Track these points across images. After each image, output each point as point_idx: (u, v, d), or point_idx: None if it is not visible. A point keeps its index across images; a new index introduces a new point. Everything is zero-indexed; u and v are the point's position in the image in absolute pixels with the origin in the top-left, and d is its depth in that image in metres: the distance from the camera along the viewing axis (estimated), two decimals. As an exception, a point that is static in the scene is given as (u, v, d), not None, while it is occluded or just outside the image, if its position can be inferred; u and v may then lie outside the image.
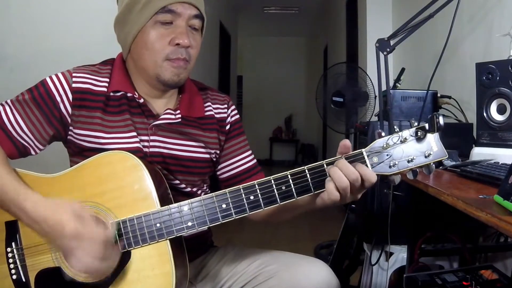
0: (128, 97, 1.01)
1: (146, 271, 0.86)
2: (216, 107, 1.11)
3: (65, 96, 0.98)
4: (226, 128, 1.11)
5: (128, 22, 0.98)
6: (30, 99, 0.97)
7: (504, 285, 1.25)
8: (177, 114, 1.03)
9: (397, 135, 0.80)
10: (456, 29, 1.58)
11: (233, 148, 1.12)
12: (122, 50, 1.05)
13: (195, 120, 1.06)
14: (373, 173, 0.79)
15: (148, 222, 0.86)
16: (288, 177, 0.83)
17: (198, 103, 1.08)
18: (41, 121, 0.97)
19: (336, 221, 3.31)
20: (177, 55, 0.97)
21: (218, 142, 1.09)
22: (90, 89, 0.99)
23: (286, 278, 0.92)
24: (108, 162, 0.90)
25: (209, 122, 1.08)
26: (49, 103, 0.97)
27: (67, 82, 0.98)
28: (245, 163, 1.12)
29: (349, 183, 0.78)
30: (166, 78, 0.98)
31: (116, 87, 1.01)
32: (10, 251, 0.90)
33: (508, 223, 0.65)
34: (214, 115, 1.10)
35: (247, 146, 1.15)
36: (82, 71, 1.01)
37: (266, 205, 0.83)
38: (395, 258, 1.81)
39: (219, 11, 5.43)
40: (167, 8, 0.95)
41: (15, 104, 0.96)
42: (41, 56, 2.54)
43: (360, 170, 0.79)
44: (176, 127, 1.03)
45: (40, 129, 0.97)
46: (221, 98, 1.14)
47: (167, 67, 0.97)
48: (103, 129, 0.98)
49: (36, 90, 0.98)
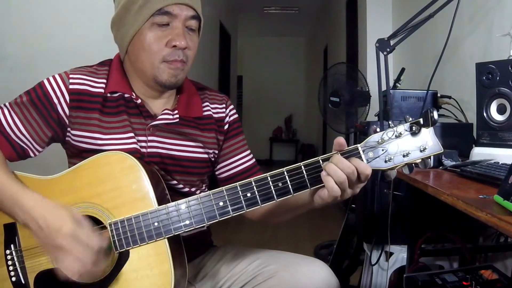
0: (126, 98, 1.01)
1: (145, 270, 0.86)
2: (215, 107, 1.11)
3: (62, 98, 0.98)
4: (225, 128, 1.11)
5: (124, 23, 0.98)
6: (28, 101, 0.97)
7: (504, 285, 1.25)
8: (175, 114, 1.03)
9: (392, 130, 0.80)
10: (456, 29, 1.58)
11: (232, 148, 1.12)
12: (119, 51, 1.05)
13: (193, 120, 1.06)
14: (367, 165, 0.80)
15: (146, 221, 0.86)
16: (285, 173, 0.83)
17: (196, 103, 1.08)
18: (39, 123, 0.97)
19: (336, 221, 3.31)
20: (174, 57, 0.97)
21: (217, 142, 1.09)
22: (87, 91, 0.99)
23: (286, 278, 0.92)
24: (106, 163, 0.90)
25: (207, 122, 1.08)
26: (46, 105, 0.97)
27: (64, 84, 0.98)
28: (244, 162, 1.13)
29: (346, 177, 0.79)
30: (164, 80, 0.98)
31: (113, 88, 1.01)
32: (9, 253, 0.90)
33: (508, 223, 0.65)
34: (212, 115, 1.10)
35: (246, 145, 1.15)
36: (79, 72, 1.01)
37: (263, 201, 0.84)
38: (395, 258, 1.81)
39: (219, 11, 5.43)
40: (163, 10, 0.94)
41: (13, 107, 0.97)
42: (41, 56, 2.54)
43: (355, 163, 0.79)
44: (174, 127, 1.03)
45: (38, 131, 0.97)
46: (220, 97, 1.14)
47: (164, 68, 0.97)
48: (100, 130, 0.98)
49: (34, 92, 0.98)
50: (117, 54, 1.07)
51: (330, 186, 0.79)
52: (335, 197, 0.81)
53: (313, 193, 0.85)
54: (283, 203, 0.88)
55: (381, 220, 1.74)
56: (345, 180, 0.79)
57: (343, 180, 0.79)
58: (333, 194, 0.80)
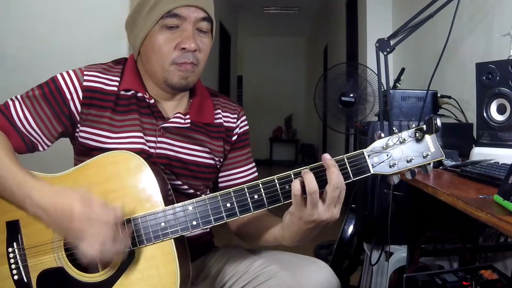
0: (138, 97, 1.01)
1: (151, 270, 0.86)
2: (226, 115, 1.11)
3: (75, 94, 0.98)
4: (233, 139, 1.11)
5: (136, 25, 0.98)
6: (40, 95, 0.97)
7: (504, 285, 1.25)
8: (187, 118, 1.03)
9: (397, 136, 0.82)
10: (456, 29, 1.58)
11: (236, 160, 1.12)
12: (133, 51, 1.05)
13: (204, 126, 1.06)
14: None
15: (152, 222, 0.86)
16: (292, 176, 0.84)
17: (208, 109, 1.08)
18: (50, 117, 0.97)
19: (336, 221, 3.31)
20: (184, 59, 0.96)
21: (223, 150, 1.09)
22: (101, 88, 0.99)
23: (287, 278, 0.92)
24: (112, 161, 0.90)
25: (217, 130, 1.08)
26: (59, 100, 0.97)
27: (78, 80, 0.98)
28: (246, 176, 1.12)
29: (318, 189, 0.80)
30: (174, 82, 0.98)
31: (127, 86, 1.01)
32: (12, 252, 0.90)
33: (508, 223, 0.65)
34: (223, 123, 1.09)
35: (251, 158, 1.14)
36: (93, 69, 1.01)
37: (270, 204, 0.85)
38: (395, 258, 1.81)
39: (219, 11, 5.42)
40: (172, 13, 0.94)
41: (25, 100, 0.96)
42: (41, 56, 2.54)
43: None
44: (184, 132, 1.03)
45: (49, 125, 0.97)
46: (233, 107, 1.13)
47: (174, 71, 0.97)
48: (110, 129, 0.98)
49: (47, 86, 0.98)
50: (131, 54, 1.07)
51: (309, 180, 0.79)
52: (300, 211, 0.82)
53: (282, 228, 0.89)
54: (258, 218, 0.89)
55: (381, 220, 1.74)
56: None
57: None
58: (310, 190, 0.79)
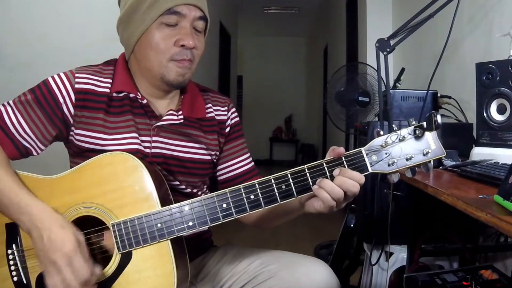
0: (131, 98, 1.01)
1: (147, 271, 0.86)
2: (217, 109, 1.12)
3: (67, 97, 0.98)
4: (226, 131, 1.12)
5: (132, 22, 0.98)
6: (33, 100, 0.96)
7: (504, 285, 1.25)
8: (179, 115, 1.03)
9: (396, 134, 0.80)
10: (456, 29, 1.58)
11: (232, 151, 1.12)
12: (125, 50, 1.05)
13: (197, 121, 1.07)
14: (361, 175, 0.81)
15: (148, 223, 0.86)
16: (288, 176, 0.83)
17: (199, 104, 1.09)
18: (43, 121, 0.96)
19: (336, 221, 3.31)
20: (182, 56, 0.97)
21: (218, 144, 1.10)
22: (93, 90, 0.99)
23: (286, 278, 0.92)
24: (108, 163, 0.90)
25: (210, 124, 1.09)
26: (51, 103, 0.97)
27: (70, 83, 0.98)
28: (243, 165, 1.13)
29: (343, 193, 0.80)
30: (171, 79, 0.98)
31: (119, 88, 1.01)
32: (11, 253, 0.90)
33: (508, 223, 0.65)
34: (214, 117, 1.10)
35: (246, 148, 1.15)
36: (84, 71, 1.01)
37: (267, 204, 0.84)
38: (395, 258, 1.81)
39: (219, 11, 5.43)
40: (172, 10, 0.95)
41: (17, 105, 0.96)
42: (41, 56, 2.54)
43: (354, 178, 0.80)
44: (178, 128, 1.03)
45: (42, 129, 0.97)
46: (222, 100, 1.14)
47: (172, 67, 0.97)
48: (104, 130, 0.98)
49: (39, 90, 0.98)
50: (122, 54, 1.07)
51: (325, 197, 0.81)
52: (331, 207, 0.82)
53: (305, 200, 0.87)
54: (274, 208, 0.89)
55: (381, 220, 1.75)
56: (342, 196, 0.80)
57: (340, 196, 0.80)
58: (328, 204, 0.81)
